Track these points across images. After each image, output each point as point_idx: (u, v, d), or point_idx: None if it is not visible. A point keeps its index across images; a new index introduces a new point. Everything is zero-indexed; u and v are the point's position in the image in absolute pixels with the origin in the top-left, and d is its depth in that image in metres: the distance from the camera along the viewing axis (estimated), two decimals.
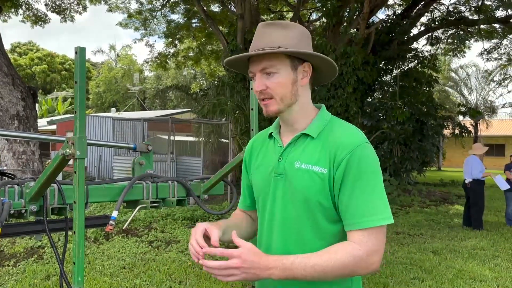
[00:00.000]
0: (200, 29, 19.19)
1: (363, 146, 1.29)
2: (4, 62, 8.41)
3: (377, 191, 1.28)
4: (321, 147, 1.33)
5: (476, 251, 6.57)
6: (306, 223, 1.34)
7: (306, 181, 1.31)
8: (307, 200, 1.32)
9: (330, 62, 1.39)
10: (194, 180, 2.46)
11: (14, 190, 1.76)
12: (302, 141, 1.37)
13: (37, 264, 5.46)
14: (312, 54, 1.34)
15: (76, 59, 1.53)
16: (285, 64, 1.33)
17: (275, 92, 1.34)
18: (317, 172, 1.30)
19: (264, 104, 1.36)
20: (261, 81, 1.34)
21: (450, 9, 15.66)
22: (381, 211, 1.26)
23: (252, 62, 1.36)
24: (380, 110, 14.33)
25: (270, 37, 1.33)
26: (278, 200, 1.38)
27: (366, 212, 1.25)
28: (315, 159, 1.32)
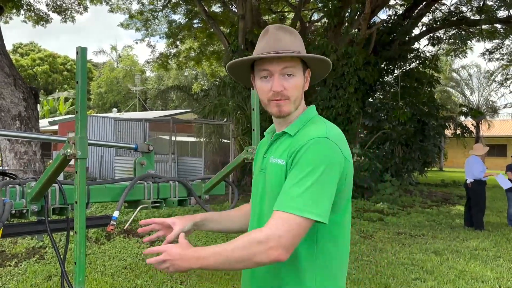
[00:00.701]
0: (202, 30, 19.20)
1: (317, 140, 1.30)
2: (6, 62, 8.42)
3: (309, 183, 1.24)
4: (291, 142, 1.38)
5: (478, 252, 6.55)
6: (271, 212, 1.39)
7: (272, 174, 1.39)
8: (272, 192, 1.37)
9: (328, 67, 1.49)
10: (195, 180, 2.46)
11: (15, 190, 1.76)
12: (281, 138, 1.45)
13: (39, 264, 5.47)
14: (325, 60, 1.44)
15: (78, 59, 1.53)
16: (299, 68, 1.41)
17: (291, 94, 1.39)
18: (279, 164, 1.37)
19: (278, 103, 1.39)
20: (279, 81, 1.38)
21: (451, 9, 15.65)
22: (300, 202, 1.23)
23: (270, 62, 1.38)
24: (382, 110, 14.33)
25: (286, 41, 1.40)
26: (260, 194, 1.47)
27: (285, 197, 1.26)
28: (281, 153, 1.39)
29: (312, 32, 17.50)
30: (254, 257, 1.22)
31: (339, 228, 1.38)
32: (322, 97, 12.18)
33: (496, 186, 14.70)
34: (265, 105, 1.44)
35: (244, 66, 1.49)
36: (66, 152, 1.53)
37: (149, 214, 8.30)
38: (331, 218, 1.30)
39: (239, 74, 1.55)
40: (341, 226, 1.39)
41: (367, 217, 9.15)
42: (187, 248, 1.32)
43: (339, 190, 1.32)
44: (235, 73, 1.55)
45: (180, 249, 1.32)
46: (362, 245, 6.79)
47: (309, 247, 1.34)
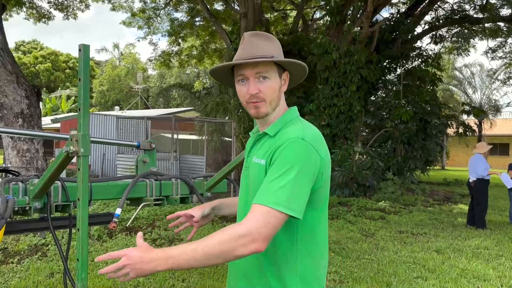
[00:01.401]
0: (204, 28, 19.20)
1: (293, 140, 1.38)
2: (9, 60, 8.43)
3: (285, 180, 1.31)
4: (271, 143, 1.45)
5: (479, 251, 6.55)
6: None
7: (254, 173, 1.47)
8: (254, 189, 1.42)
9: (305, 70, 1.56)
10: (197, 178, 2.46)
11: (18, 187, 1.77)
12: (263, 139, 1.52)
13: (41, 261, 5.48)
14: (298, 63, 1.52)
15: (80, 56, 1.53)
16: (274, 71, 1.49)
17: (266, 96, 1.47)
18: (260, 164, 1.45)
19: (255, 105, 1.47)
20: (255, 85, 1.46)
21: (454, 7, 15.60)
22: (277, 196, 1.28)
23: (246, 67, 1.46)
24: (384, 109, 14.30)
25: (261, 46, 1.48)
26: (243, 191, 1.57)
27: (263, 192, 1.32)
28: (263, 153, 1.46)
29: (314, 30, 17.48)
30: (235, 250, 1.24)
31: (318, 223, 1.47)
32: (324, 96, 12.16)
33: (498, 185, 14.67)
34: (245, 106, 1.52)
35: (226, 71, 1.57)
36: (69, 149, 1.53)
37: (151, 212, 8.31)
38: (311, 213, 1.41)
39: (223, 77, 1.61)
40: (320, 221, 1.48)
41: (369, 216, 9.15)
42: (149, 250, 1.28)
43: (316, 187, 1.40)
44: (219, 77, 1.62)
45: (141, 251, 1.28)
46: (363, 244, 6.79)
47: (289, 241, 1.42)
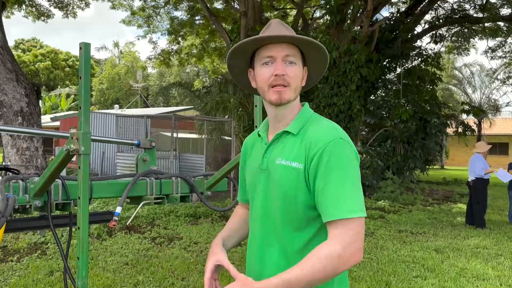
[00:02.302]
0: (203, 26, 19.17)
1: (335, 141, 1.33)
2: (8, 58, 8.42)
3: (348, 184, 1.30)
4: (299, 143, 1.39)
5: (479, 250, 6.56)
6: (284, 216, 1.39)
7: (285, 176, 1.38)
8: (285, 194, 1.37)
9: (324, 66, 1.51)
10: (197, 177, 2.46)
11: (18, 185, 1.77)
12: (284, 138, 1.44)
13: (41, 259, 5.48)
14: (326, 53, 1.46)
15: (81, 54, 1.53)
16: (299, 59, 1.44)
17: (292, 81, 1.40)
18: (294, 167, 1.36)
19: (278, 90, 1.39)
20: (282, 66, 1.39)
21: (454, 7, 15.59)
22: (352, 204, 1.28)
23: (273, 47, 1.40)
24: (383, 108, 14.30)
25: (290, 32, 1.43)
26: (261, 194, 1.46)
27: (337, 204, 1.28)
28: (293, 155, 1.38)
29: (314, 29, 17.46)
30: (337, 270, 1.26)
31: None
32: (324, 95, 12.16)
33: (497, 184, 14.68)
34: (264, 92, 1.44)
35: (243, 57, 1.49)
36: (69, 147, 1.53)
37: (150, 210, 8.31)
38: None
39: (237, 65, 1.54)
40: None
41: (368, 215, 9.16)
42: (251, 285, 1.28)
43: None
44: (234, 64, 1.54)
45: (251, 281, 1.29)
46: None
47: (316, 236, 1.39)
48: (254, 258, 1.48)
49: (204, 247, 6.26)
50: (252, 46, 1.45)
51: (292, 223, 1.38)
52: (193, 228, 7.34)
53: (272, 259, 1.41)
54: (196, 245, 6.40)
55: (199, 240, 6.62)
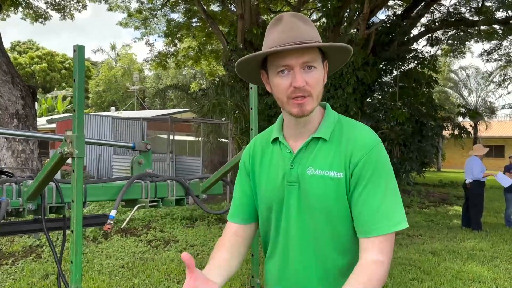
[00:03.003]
0: (200, 29, 19.18)
1: (378, 147, 1.24)
2: (4, 60, 8.40)
3: (394, 194, 1.23)
4: (334, 150, 1.25)
5: (475, 252, 6.57)
6: (325, 233, 1.26)
7: (322, 188, 1.24)
8: (325, 209, 1.24)
9: (347, 57, 1.34)
10: (193, 180, 2.45)
11: (12, 188, 1.76)
12: (314, 145, 1.29)
13: (36, 263, 5.45)
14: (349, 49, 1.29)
15: (75, 57, 1.52)
16: (320, 60, 1.26)
17: (314, 89, 1.23)
18: (332, 177, 1.23)
19: (300, 103, 1.22)
20: (301, 76, 1.21)
21: (450, 10, 15.66)
22: (396, 217, 1.20)
23: (289, 55, 1.21)
24: (380, 110, 14.33)
25: (305, 30, 1.24)
26: (293, 210, 1.29)
27: (378, 218, 1.19)
28: (329, 163, 1.24)
29: None
30: (382, 285, 1.18)
31: None
32: None
33: (494, 187, 14.72)
34: (283, 103, 1.26)
35: (254, 62, 1.31)
36: (63, 150, 1.52)
37: (146, 213, 8.29)
38: None
39: (250, 70, 1.36)
40: None
41: None
42: None
43: None
44: (246, 69, 1.35)
45: None
46: None
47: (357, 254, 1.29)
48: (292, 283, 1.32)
49: (200, 250, 6.24)
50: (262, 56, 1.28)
51: (337, 242, 1.26)
52: (189, 231, 7.32)
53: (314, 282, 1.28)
54: (192, 248, 6.38)
55: (195, 243, 6.60)
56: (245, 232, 1.43)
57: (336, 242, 1.26)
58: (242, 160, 1.47)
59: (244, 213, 1.43)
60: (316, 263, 1.27)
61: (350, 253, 1.26)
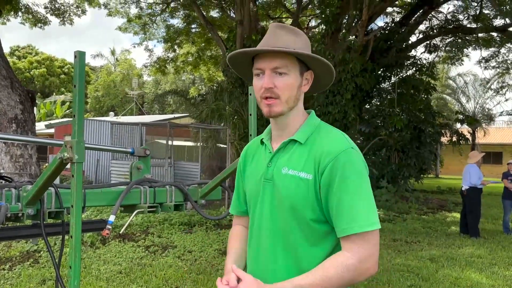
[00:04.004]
0: (199, 35, 19.25)
1: (347, 151, 1.30)
2: (3, 65, 8.41)
3: (363, 196, 1.28)
4: (307, 153, 1.34)
5: (473, 259, 6.56)
6: (293, 227, 1.34)
7: (292, 187, 1.33)
8: (293, 206, 1.33)
9: (331, 72, 1.44)
10: (191, 185, 2.46)
11: (11, 193, 1.76)
12: (290, 147, 1.39)
13: (33, 268, 5.43)
14: (322, 60, 1.38)
15: (76, 63, 1.53)
16: (295, 67, 1.36)
17: (282, 93, 1.34)
18: (302, 178, 1.32)
19: (268, 103, 1.35)
20: (270, 79, 1.34)
21: (448, 17, 15.76)
22: (367, 217, 1.26)
23: (263, 59, 1.35)
24: (378, 117, 14.38)
25: (284, 39, 1.36)
26: (266, 205, 1.40)
27: (352, 218, 1.25)
28: (301, 165, 1.33)
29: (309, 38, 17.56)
30: (352, 281, 1.25)
31: None
32: (319, 103, 12.22)
33: (491, 193, 14.75)
34: (259, 104, 1.41)
35: (246, 62, 1.45)
36: (63, 155, 1.53)
37: (144, 218, 8.27)
38: None
39: (243, 68, 1.50)
40: None
41: None
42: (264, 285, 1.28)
43: None
44: (237, 66, 1.50)
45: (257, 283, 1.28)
46: None
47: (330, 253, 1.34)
48: (261, 272, 1.40)
49: (198, 256, 6.23)
50: (247, 57, 1.42)
51: (307, 237, 1.33)
52: (187, 237, 7.31)
53: (283, 274, 1.34)
54: (190, 253, 6.36)
55: (193, 249, 6.59)
56: (245, 222, 1.58)
57: (302, 234, 1.33)
58: (238, 164, 1.62)
59: (239, 206, 1.61)
60: (286, 254, 1.35)
61: (322, 249, 1.33)
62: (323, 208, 1.31)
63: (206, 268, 5.64)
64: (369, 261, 1.25)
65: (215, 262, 5.94)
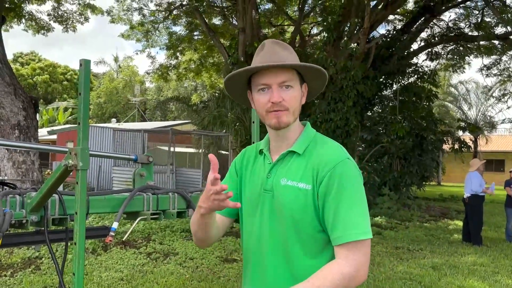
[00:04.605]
0: (202, 42, 19.33)
1: (343, 162, 1.35)
2: (7, 72, 8.46)
3: (358, 206, 1.32)
4: (305, 164, 1.38)
5: (476, 267, 6.53)
6: (293, 240, 1.37)
7: (291, 198, 1.36)
8: (292, 216, 1.36)
9: (323, 85, 1.51)
10: (194, 192, 2.46)
11: (15, 200, 1.77)
12: (289, 158, 1.43)
13: (35, 274, 5.42)
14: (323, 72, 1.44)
15: (81, 71, 1.55)
16: (297, 81, 1.42)
17: (290, 105, 1.39)
18: (301, 188, 1.35)
19: (277, 115, 1.38)
20: (279, 93, 1.37)
21: (449, 25, 15.81)
22: (361, 226, 1.30)
23: (269, 74, 1.38)
24: (380, 124, 14.37)
25: (282, 54, 1.41)
26: (266, 215, 1.42)
27: (349, 226, 1.29)
28: (300, 176, 1.37)
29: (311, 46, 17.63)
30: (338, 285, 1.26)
31: None
32: (321, 110, 12.23)
33: (494, 201, 14.71)
34: (263, 117, 1.42)
35: (240, 81, 1.47)
36: (68, 163, 1.54)
37: (146, 225, 8.26)
38: None
39: (236, 90, 1.52)
40: None
41: None
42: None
43: None
44: (232, 89, 1.52)
45: None
46: None
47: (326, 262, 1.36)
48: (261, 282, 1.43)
49: (199, 263, 6.21)
50: (246, 74, 1.44)
51: (306, 249, 1.36)
52: (189, 244, 7.29)
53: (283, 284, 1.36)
54: (191, 260, 6.35)
55: (194, 256, 6.57)
56: (221, 221, 1.55)
57: (302, 246, 1.36)
58: (233, 163, 1.61)
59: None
60: (285, 265, 1.38)
61: (318, 257, 1.36)
62: (320, 217, 1.35)
63: (207, 275, 5.62)
64: (362, 269, 1.28)
65: (217, 269, 5.93)
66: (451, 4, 14.56)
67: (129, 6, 17.90)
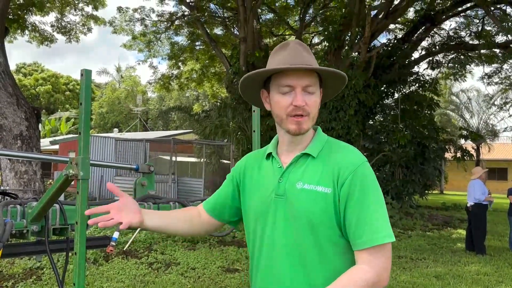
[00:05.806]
0: (203, 52, 19.45)
1: (363, 165, 1.33)
2: (9, 82, 8.51)
3: (380, 209, 1.29)
4: (322, 167, 1.34)
5: (479, 277, 6.48)
6: (310, 245, 1.31)
7: (309, 202, 1.31)
8: (310, 221, 1.30)
9: (341, 87, 1.49)
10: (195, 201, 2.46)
11: (16, 210, 1.77)
12: (303, 161, 1.38)
13: (36, 285, 5.40)
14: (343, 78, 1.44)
15: (82, 81, 1.56)
16: (318, 86, 1.39)
17: (311, 110, 1.36)
18: (320, 192, 1.31)
19: (298, 120, 1.34)
20: (302, 97, 1.34)
21: (450, 34, 15.87)
22: (385, 229, 1.27)
23: (292, 76, 1.34)
24: (382, 132, 14.36)
25: (305, 55, 1.37)
26: (279, 222, 1.36)
27: (374, 230, 1.25)
28: (317, 179, 1.32)
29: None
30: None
31: None
32: (322, 119, 12.25)
33: (497, 210, 14.62)
34: (281, 120, 1.37)
35: (257, 79, 1.42)
36: (68, 172, 1.54)
37: (148, 235, 8.24)
38: None
39: (250, 89, 1.48)
40: None
41: None
42: None
43: None
44: (247, 87, 1.47)
45: None
46: None
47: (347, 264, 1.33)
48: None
49: (201, 273, 6.18)
50: (267, 73, 1.39)
51: (323, 254, 1.31)
52: (190, 254, 7.26)
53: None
54: (193, 270, 6.32)
55: (196, 266, 6.54)
56: (208, 220, 1.59)
57: (319, 251, 1.31)
58: (233, 169, 1.58)
59: (214, 208, 1.59)
60: (302, 271, 1.32)
61: (332, 263, 1.31)
62: (340, 221, 1.31)
63: (209, 285, 5.59)
64: (385, 274, 1.26)
65: (219, 279, 5.90)
66: (451, 13, 14.64)
67: (131, 17, 18.06)
